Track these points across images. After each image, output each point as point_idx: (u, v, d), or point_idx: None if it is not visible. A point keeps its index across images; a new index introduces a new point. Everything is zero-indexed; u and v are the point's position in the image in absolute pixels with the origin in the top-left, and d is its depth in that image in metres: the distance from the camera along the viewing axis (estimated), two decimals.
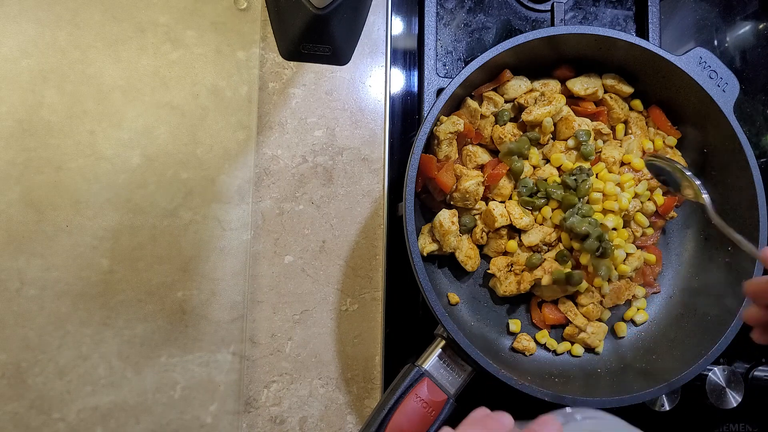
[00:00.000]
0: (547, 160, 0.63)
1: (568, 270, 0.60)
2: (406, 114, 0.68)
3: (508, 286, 0.61)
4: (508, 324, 0.63)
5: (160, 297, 0.60)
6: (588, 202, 0.61)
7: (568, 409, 0.40)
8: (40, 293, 0.58)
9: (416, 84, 0.69)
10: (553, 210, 0.61)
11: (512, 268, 0.61)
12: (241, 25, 0.65)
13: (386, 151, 0.67)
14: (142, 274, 0.60)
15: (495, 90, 0.63)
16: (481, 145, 0.63)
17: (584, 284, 0.61)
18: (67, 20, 0.61)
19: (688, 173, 0.55)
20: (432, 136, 0.60)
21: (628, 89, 0.64)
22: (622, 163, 0.63)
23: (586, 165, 0.61)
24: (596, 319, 0.63)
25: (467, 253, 0.61)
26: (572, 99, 0.64)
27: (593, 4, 0.74)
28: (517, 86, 0.62)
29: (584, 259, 0.60)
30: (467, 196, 0.60)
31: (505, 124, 0.62)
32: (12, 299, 0.57)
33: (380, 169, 0.67)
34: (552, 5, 0.71)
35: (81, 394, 0.57)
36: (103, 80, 0.61)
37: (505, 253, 0.62)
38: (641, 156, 0.63)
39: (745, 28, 0.77)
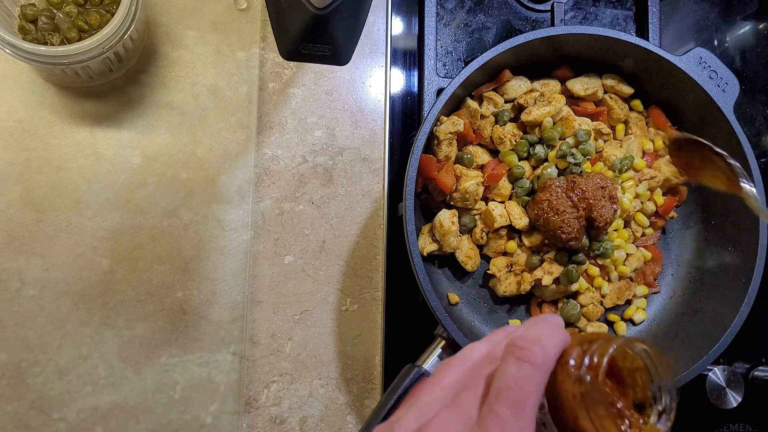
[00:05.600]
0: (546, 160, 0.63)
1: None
2: (406, 114, 0.68)
3: (508, 286, 0.61)
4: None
5: (160, 297, 0.60)
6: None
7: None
8: (40, 293, 0.58)
9: (416, 84, 0.69)
10: None
11: (512, 269, 0.61)
12: (241, 25, 0.65)
13: (386, 151, 0.67)
14: (142, 274, 0.60)
15: (495, 90, 0.63)
16: (481, 145, 0.63)
17: (584, 284, 0.61)
18: None
19: (730, 160, 0.44)
20: (432, 136, 0.60)
21: (628, 90, 0.64)
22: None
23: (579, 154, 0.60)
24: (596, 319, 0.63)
25: (467, 253, 0.61)
26: (572, 99, 0.64)
27: (593, 4, 0.74)
28: (517, 86, 0.62)
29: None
30: (467, 196, 0.60)
31: (505, 125, 0.62)
32: (12, 299, 0.57)
33: (380, 169, 0.67)
34: (552, 5, 0.71)
35: (81, 394, 0.57)
36: None
37: (505, 254, 0.62)
38: (641, 156, 0.63)
39: (745, 28, 0.77)
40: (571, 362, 0.31)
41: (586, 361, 0.31)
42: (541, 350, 0.30)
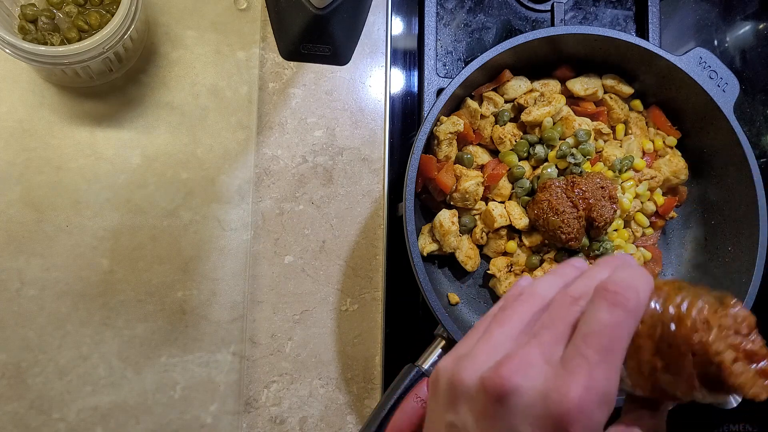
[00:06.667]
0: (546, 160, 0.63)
1: None
2: (406, 114, 0.68)
3: (508, 286, 0.61)
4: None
5: (160, 297, 0.60)
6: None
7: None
8: (40, 293, 0.58)
9: (416, 84, 0.69)
10: None
11: (512, 269, 0.61)
12: (241, 25, 0.65)
13: (386, 151, 0.67)
14: (142, 274, 0.60)
15: (495, 90, 0.63)
16: (481, 145, 0.63)
17: None
18: None
19: None
20: (432, 137, 0.60)
21: (628, 90, 0.64)
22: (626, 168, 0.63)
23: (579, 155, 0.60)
24: None
25: (467, 253, 0.61)
26: (572, 99, 0.64)
27: (593, 4, 0.74)
28: (517, 86, 0.62)
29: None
30: (467, 196, 0.60)
31: (505, 125, 0.62)
32: (12, 299, 0.57)
33: (380, 169, 0.67)
34: (552, 5, 0.71)
35: (81, 394, 0.58)
36: None
37: (505, 254, 0.62)
38: (641, 156, 0.63)
39: (745, 28, 0.77)
40: (657, 309, 0.30)
41: (672, 310, 0.30)
42: (635, 296, 0.29)
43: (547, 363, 0.29)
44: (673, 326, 0.29)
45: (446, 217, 0.59)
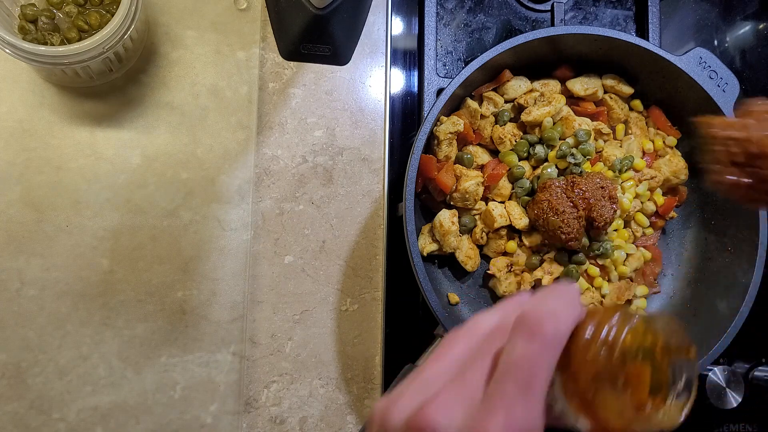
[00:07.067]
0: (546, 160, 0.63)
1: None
2: (406, 114, 0.68)
3: (508, 286, 0.61)
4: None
5: (160, 297, 0.60)
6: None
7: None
8: (40, 293, 0.58)
9: (416, 84, 0.69)
10: None
11: (512, 269, 0.61)
12: (241, 25, 0.65)
13: (386, 151, 0.67)
14: (142, 274, 0.60)
15: (495, 90, 0.63)
16: (481, 145, 0.63)
17: (584, 284, 0.61)
18: None
19: None
20: (432, 137, 0.60)
21: (628, 90, 0.64)
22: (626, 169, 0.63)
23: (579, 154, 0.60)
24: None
25: (467, 253, 0.61)
26: (572, 99, 0.64)
27: (593, 4, 0.74)
28: (517, 86, 0.62)
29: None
30: (467, 196, 0.60)
31: (505, 125, 0.62)
32: (12, 299, 0.57)
33: (380, 169, 0.67)
34: (552, 5, 0.71)
35: (81, 394, 0.58)
36: None
37: (505, 254, 0.62)
38: (641, 156, 0.63)
39: (745, 28, 0.77)
40: (586, 337, 0.29)
41: (602, 336, 0.29)
42: (553, 325, 0.28)
43: (469, 401, 0.28)
44: (603, 351, 0.29)
45: (446, 217, 0.59)
